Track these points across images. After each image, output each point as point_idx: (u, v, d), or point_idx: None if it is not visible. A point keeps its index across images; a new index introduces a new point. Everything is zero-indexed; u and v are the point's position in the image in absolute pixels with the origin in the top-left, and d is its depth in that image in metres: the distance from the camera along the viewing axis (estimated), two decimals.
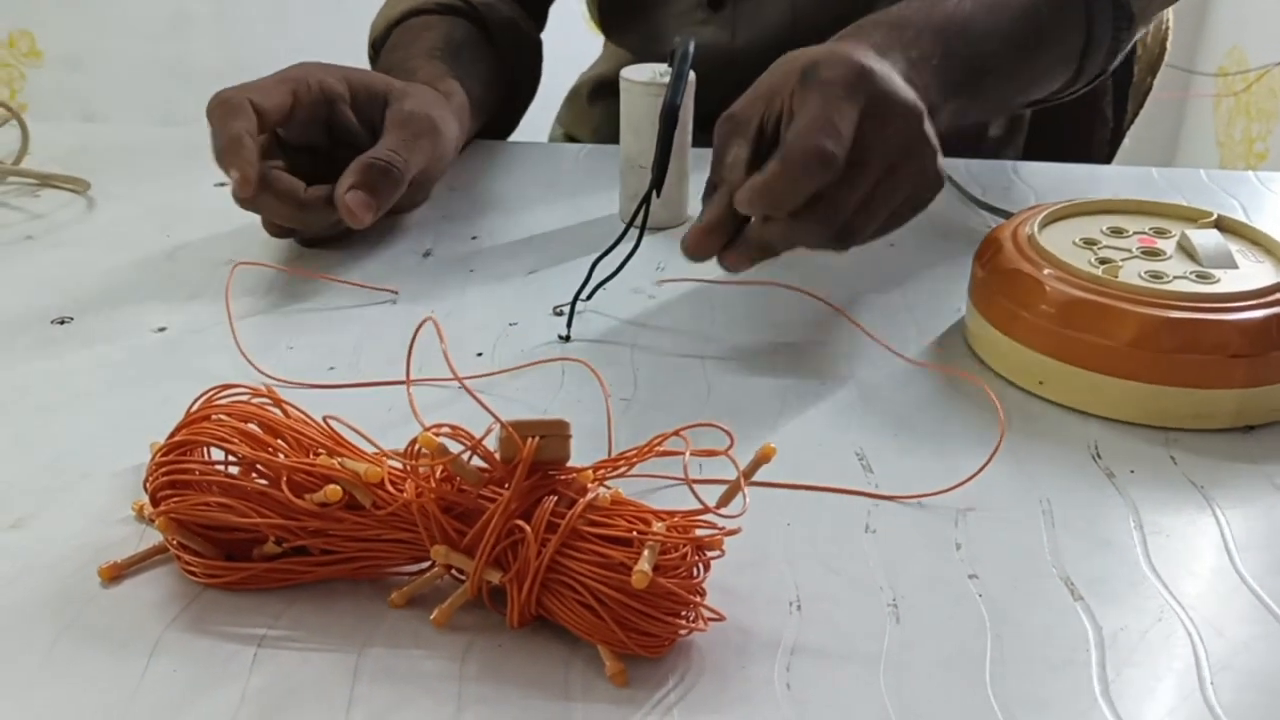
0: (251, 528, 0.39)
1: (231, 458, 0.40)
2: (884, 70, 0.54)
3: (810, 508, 0.45)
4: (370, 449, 0.41)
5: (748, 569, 0.42)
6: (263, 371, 0.53)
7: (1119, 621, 0.40)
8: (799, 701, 0.36)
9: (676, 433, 0.40)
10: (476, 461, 0.39)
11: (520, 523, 0.38)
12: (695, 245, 0.54)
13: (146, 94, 2.26)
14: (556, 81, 0.97)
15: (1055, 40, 0.71)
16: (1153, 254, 0.56)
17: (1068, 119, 0.94)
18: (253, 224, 0.69)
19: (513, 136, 0.91)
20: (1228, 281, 0.53)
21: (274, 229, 0.66)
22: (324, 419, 0.41)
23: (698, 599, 0.38)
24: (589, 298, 0.59)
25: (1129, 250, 0.56)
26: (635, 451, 0.41)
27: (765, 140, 0.54)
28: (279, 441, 0.41)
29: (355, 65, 0.69)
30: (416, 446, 0.38)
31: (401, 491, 0.39)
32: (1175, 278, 0.53)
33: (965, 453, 0.49)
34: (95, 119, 2.26)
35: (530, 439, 0.38)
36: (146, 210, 0.71)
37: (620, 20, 0.92)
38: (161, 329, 0.57)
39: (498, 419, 0.38)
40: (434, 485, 0.38)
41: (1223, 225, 0.58)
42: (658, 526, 0.38)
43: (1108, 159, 0.97)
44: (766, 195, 0.51)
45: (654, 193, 0.55)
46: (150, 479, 0.41)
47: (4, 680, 0.36)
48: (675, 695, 0.37)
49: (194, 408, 0.42)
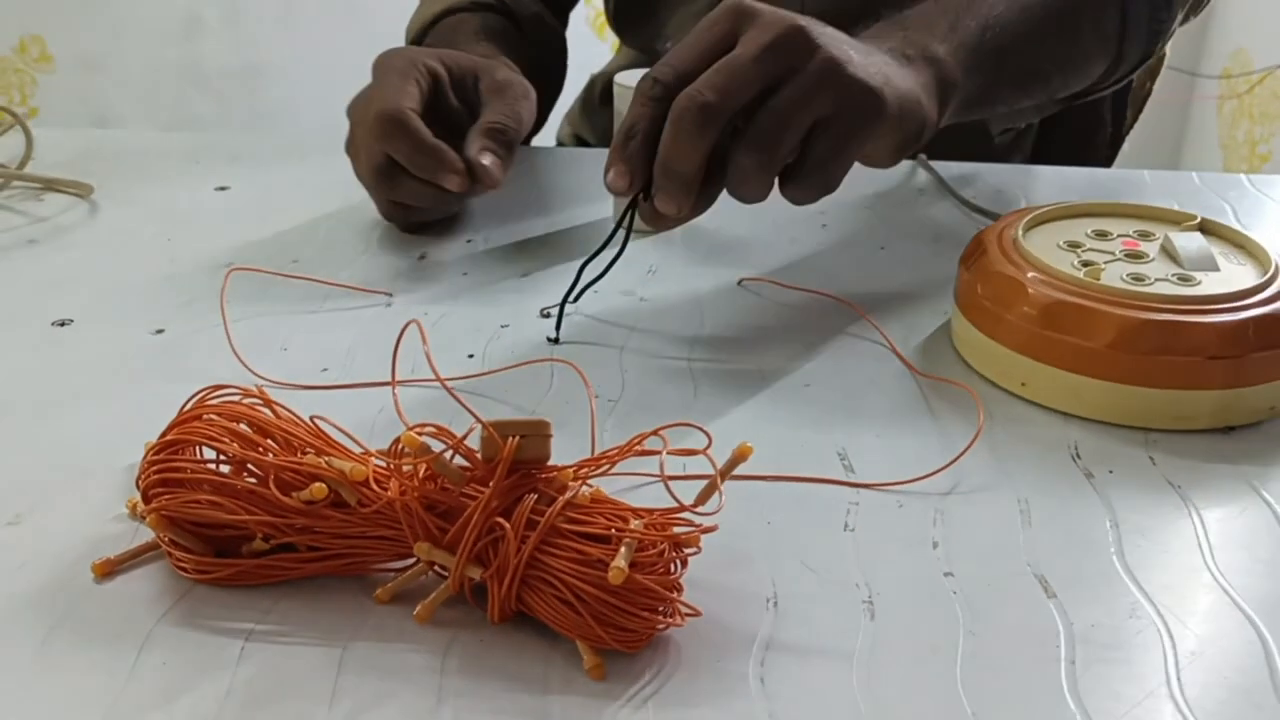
0: (240, 525, 0.40)
1: (222, 456, 0.41)
2: (764, 6, 0.54)
3: (791, 507, 0.46)
4: (357, 449, 0.42)
5: (728, 567, 0.42)
6: (257, 373, 0.54)
7: (1090, 618, 0.41)
8: (772, 695, 0.37)
9: (655, 432, 0.41)
10: (459, 460, 0.40)
11: (500, 520, 0.38)
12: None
13: (158, 97, 2.28)
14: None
15: (1088, 21, 0.71)
16: (1136, 257, 0.57)
17: (1067, 124, 0.95)
18: (251, 228, 0.70)
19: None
20: (1208, 284, 0.54)
21: (396, 210, 0.69)
22: (311, 419, 0.42)
23: (674, 595, 0.39)
24: (576, 299, 0.59)
25: (1112, 253, 0.57)
26: (616, 450, 0.42)
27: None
28: (268, 441, 0.41)
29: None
30: (400, 446, 0.39)
31: (386, 490, 0.40)
32: (1156, 280, 0.54)
33: (946, 452, 0.49)
34: (107, 123, 2.28)
35: (510, 438, 0.38)
36: (148, 214, 0.72)
37: (632, 20, 0.93)
38: (159, 331, 0.58)
39: (478, 419, 0.39)
40: (417, 483, 0.39)
41: (1206, 228, 0.59)
42: (635, 524, 0.39)
43: (1107, 164, 0.97)
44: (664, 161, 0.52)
45: (640, 195, 0.56)
46: (142, 477, 0.42)
47: None
48: (651, 688, 0.37)
49: (186, 408, 0.43)
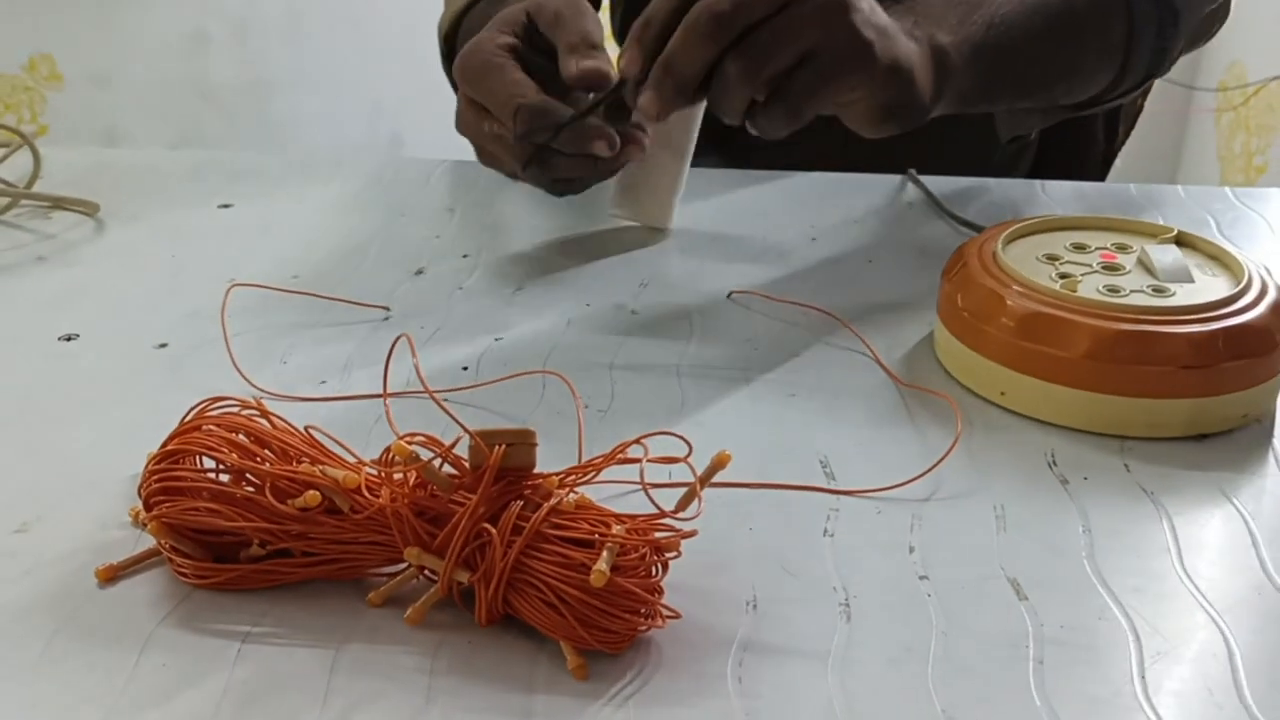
0: (238, 531, 0.42)
1: (220, 466, 0.43)
2: None
3: (772, 513, 0.48)
4: (350, 458, 0.44)
5: (710, 571, 0.44)
6: (256, 385, 0.55)
7: (1060, 620, 0.42)
8: (749, 695, 0.39)
9: (637, 440, 0.42)
10: (448, 469, 0.41)
11: (487, 526, 0.40)
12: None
13: (167, 113, 2.31)
14: None
15: (1092, 30, 0.72)
16: (1113, 269, 0.58)
17: (1059, 141, 0.96)
18: (253, 244, 0.72)
19: None
20: (1182, 295, 0.55)
21: (559, 184, 0.68)
22: (306, 429, 0.44)
23: (655, 598, 0.40)
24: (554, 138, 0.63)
25: (1090, 265, 0.58)
26: (601, 458, 0.44)
27: None
28: (265, 451, 0.43)
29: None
30: (391, 454, 0.41)
31: (377, 497, 0.41)
32: (1132, 291, 0.55)
33: (926, 459, 0.51)
34: (116, 138, 2.30)
35: (497, 447, 0.40)
36: (152, 231, 0.74)
37: None
38: (163, 345, 0.60)
39: (464, 428, 0.40)
40: (407, 491, 0.41)
41: (1182, 240, 0.60)
42: (617, 529, 0.40)
43: (1101, 178, 0.99)
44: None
45: (628, 86, 0.59)
46: (144, 486, 0.43)
47: (6, 670, 0.39)
48: (633, 688, 0.39)
49: (187, 419, 0.45)
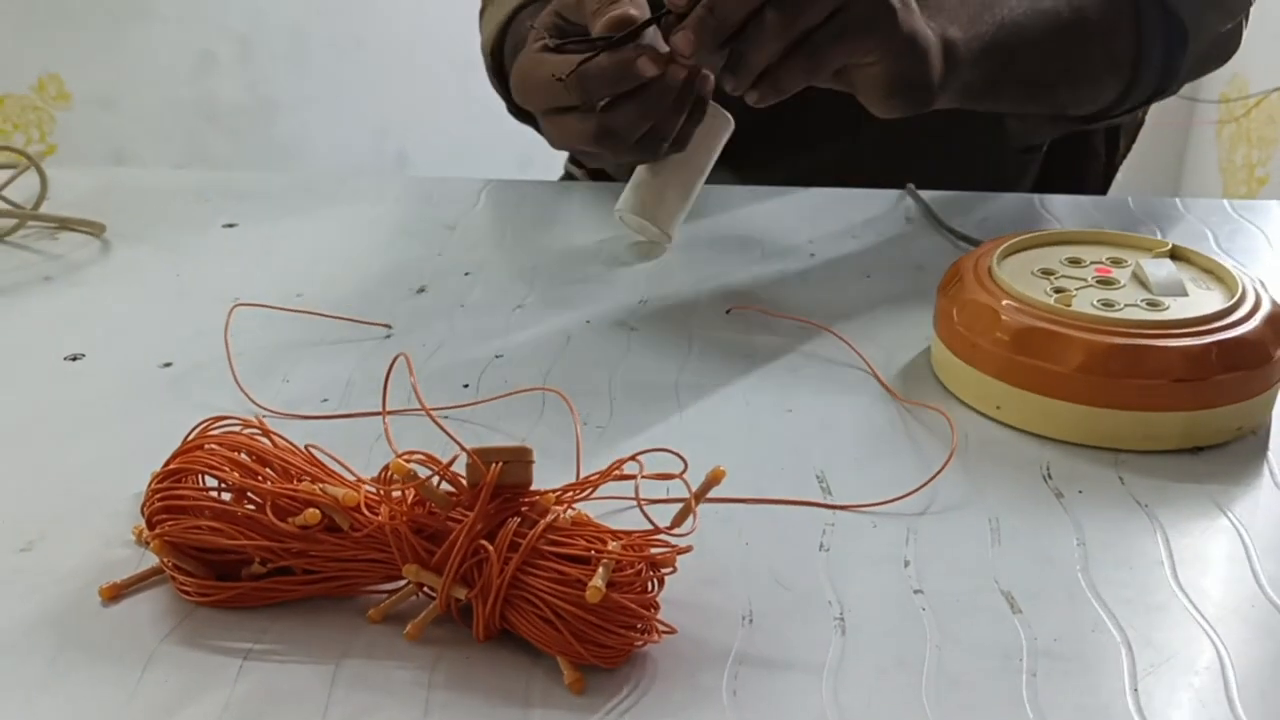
0: (239, 549, 0.42)
1: (222, 484, 0.44)
2: None
3: (768, 528, 0.48)
4: (350, 476, 0.44)
5: (706, 586, 0.44)
6: (259, 404, 0.56)
7: (1053, 632, 0.42)
8: (743, 707, 0.39)
9: (633, 457, 0.43)
10: (445, 486, 0.42)
11: (484, 543, 0.40)
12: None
13: (172, 133, 2.33)
14: None
15: (1098, 41, 0.73)
16: (1107, 283, 0.58)
17: (1059, 155, 0.97)
18: (257, 263, 0.73)
19: (526, 169, 0.93)
20: (1176, 309, 0.55)
21: (636, 150, 0.67)
22: (306, 447, 0.44)
23: (650, 613, 0.40)
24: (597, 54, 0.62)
25: (1084, 280, 0.59)
26: (598, 475, 0.44)
27: None
28: (266, 469, 0.44)
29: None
30: (389, 473, 0.41)
31: (376, 514, 0.42)
32: (1126, 305, 0.56)
33: (922, 474, 0.51)
34: (124, 158, 2.32)
35: (493, 464, 0.41)
36: (157, 251, 0.75)
37: None
38: (167, 364, 0.61)
39: (461, 446, 0.41)
40: (406, 508, 0.41)
41: (1177, 254, 0.61)
42: (613, 545, 0.40)
43: (1102, 192, 0.99)
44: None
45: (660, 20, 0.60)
46: (147, 504, 0.44)
47: (10, 687, 0.40)
48: (628, 702, 0.39)
49: (189, 438, 0.45)
